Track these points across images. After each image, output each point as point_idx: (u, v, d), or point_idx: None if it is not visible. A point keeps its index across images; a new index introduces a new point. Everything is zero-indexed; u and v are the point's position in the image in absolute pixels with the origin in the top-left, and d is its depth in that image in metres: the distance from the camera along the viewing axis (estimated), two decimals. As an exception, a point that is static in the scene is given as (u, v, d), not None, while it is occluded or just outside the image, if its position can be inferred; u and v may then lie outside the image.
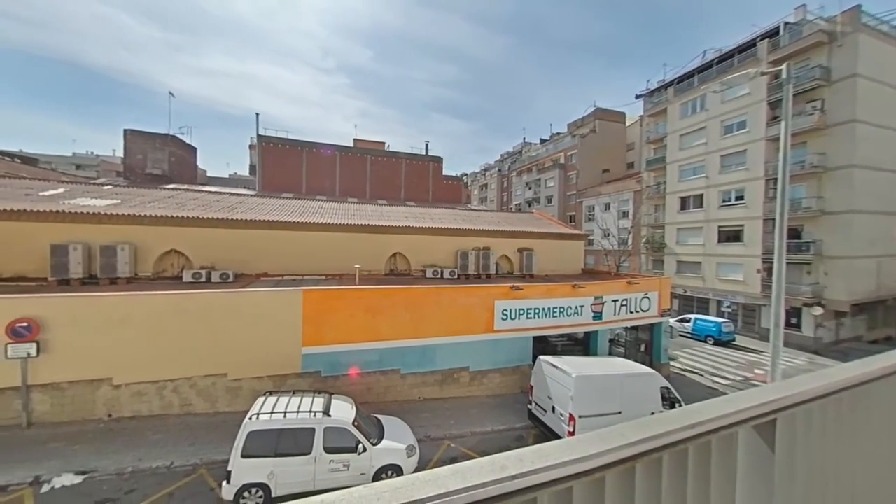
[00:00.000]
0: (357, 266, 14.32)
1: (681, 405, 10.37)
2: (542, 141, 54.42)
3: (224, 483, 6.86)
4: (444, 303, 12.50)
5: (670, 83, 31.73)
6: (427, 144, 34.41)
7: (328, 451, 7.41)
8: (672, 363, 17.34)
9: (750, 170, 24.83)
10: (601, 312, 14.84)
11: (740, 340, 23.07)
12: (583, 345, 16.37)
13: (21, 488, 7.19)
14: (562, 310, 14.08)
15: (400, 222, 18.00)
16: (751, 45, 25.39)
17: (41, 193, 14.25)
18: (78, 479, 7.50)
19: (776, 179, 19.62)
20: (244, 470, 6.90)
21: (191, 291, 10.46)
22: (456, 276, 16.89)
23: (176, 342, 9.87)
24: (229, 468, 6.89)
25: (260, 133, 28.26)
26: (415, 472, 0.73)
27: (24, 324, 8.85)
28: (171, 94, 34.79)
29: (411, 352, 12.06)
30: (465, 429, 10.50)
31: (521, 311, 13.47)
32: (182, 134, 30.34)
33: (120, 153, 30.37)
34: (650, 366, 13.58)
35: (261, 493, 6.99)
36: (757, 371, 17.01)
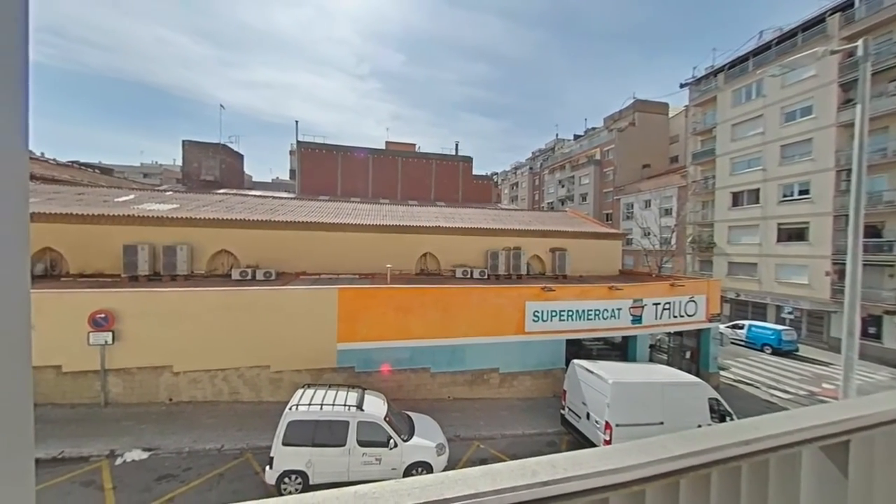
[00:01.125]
0: (388, 266, 14.68)
1: (733, 419, 9.53)
2: (576, 137, 52.43)
3: (267, 468, 7.34)
4: (473, 303, 12.46)
5: (720, 69, 29.24)
6: (457, 145, 34.52)
7: (361, 444, 7.68)
8: (722, 373, 15.99)
9: (816, 160, 22.25)
10: (641, 316, 14.02)
11: (804, 350, 20.74)
12: (620, 350, 15.56)
13: (100, 459, 8.17)
14: (597, 312, 13.48)
15: (430, 222, 18.19)
16: (818, 20, 22.74)
17: (116, 200, 16.09)
18: (145, 455, 8.39)
19: (849, 170, 17.40)
20: (285, 457, 7.34)
21: (238, 288, 11.31)
22: (486, 277, 16.76)
23: (225, 335, 10.71)
24: (272, 454, 7.35)
25: (299, 140, 29.88)
26: (444, 470, 0.74)
27: (103, 315, 10.04)
28: (221, 106, 37.82)
29: (441, 351, 12.15)
30: (495, 431, 10.40)
31: (554, 313, 13.08)
32: (231, 143, 32.86)
33: (179, 162, 33.51)
34: (696, 375, 12.62)
35: (300, 479, 7.39)
36: (825, 386, 15.23)
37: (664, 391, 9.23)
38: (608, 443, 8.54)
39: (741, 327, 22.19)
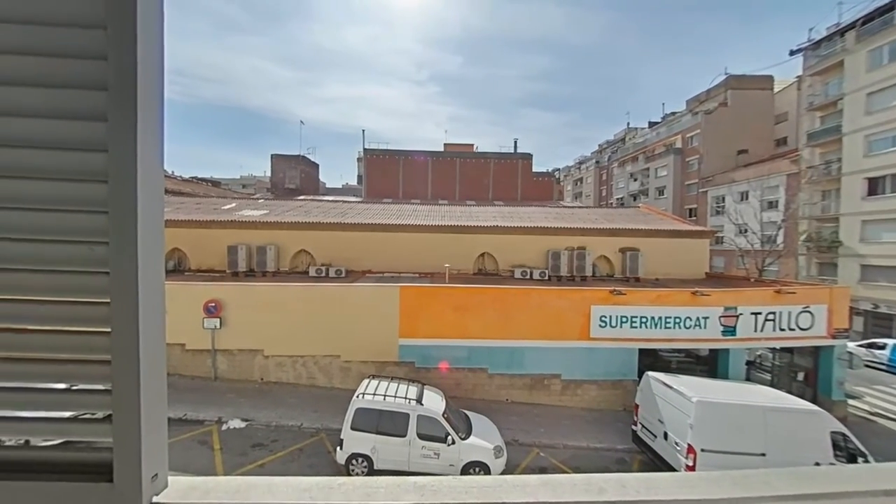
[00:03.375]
0: (447, 265, 14.97)
1: (867, 460, 7.66)
2: (652, 124, 47.21)
3: (338, 449, 8.05)
4: (533, 304, 12.04)
5: (849, 26, 23.65)
6: (515, 142, 33.74)
7: (421, 437, 7.96)
8: (852, 402, 12.92)
9: None
10: (734, 327, 12.06)
11: None
12: (707, 364, 13.59)
13: (211, 424, 9.83)
14: (677, 320, 11.96)
15: (488, 222, 18.07)
16: None
17: (222, 208, 19.18)
18: (243, 425, 9.85)
19: None
20: (353, 441, 7.96)
21: (313, 284, 12.64)
22: (546, 278, 16.06)
23: (304, 325, 12.02)
24: (342, 437, 8.04)
25: (365, 147, 32.14)
26: (502, 474, 0.73)
27: (213, 304, 12.04)
28: (301, 122, 42.85)
29: (499, 352, 11.98)
30: (557, 440, 9.91)
31: (624, 319, 11.96)
32: (309, 154, 36.83)
33: (269, 173, 38.63)
34: (813, 402, 10.42)
35: (366, 463, 7.96)
36: None
37: (768, 417, 7.80)
38: (691, 469, 7.52)
39: (881, 347, 17.66)
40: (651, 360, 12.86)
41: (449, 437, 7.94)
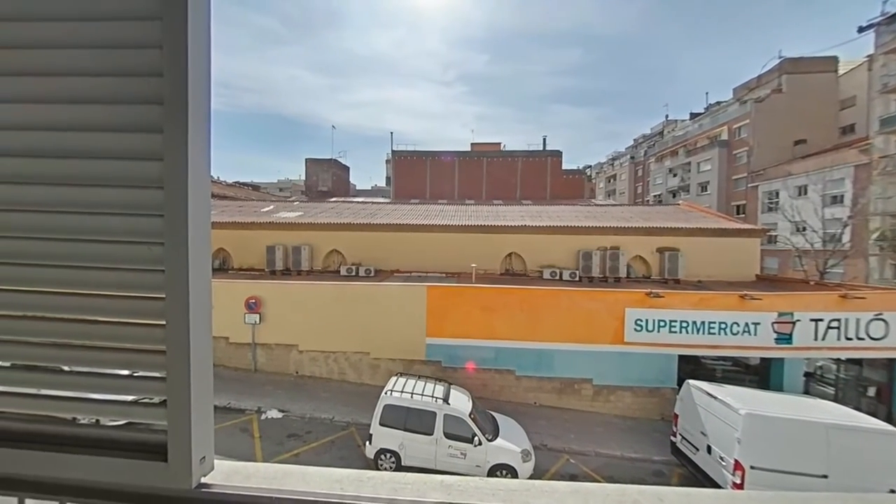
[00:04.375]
0: (473, 265, 14.91)
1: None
2: (694, 116, 44.23)
3: (367, 443, 8.27)
4: (562, 306, 11.69)
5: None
6: (544, 139, 32.97)
7: (447, 436, 7.99)
8: (935, 423, 11.33)
9: None
10: (790, 334, 11.00)
11: None
12: (758, 374, 12.51)
13: (251, 414, 10.47)
14: (723, 326, 11.11)
15: (515, 222, 17.79)
16: None
17: (261, 210, 20.37)
18: (279, 415, 10.40)
19: None
20: (381, 436, 8.15)
21: (344, 283, 13.09)
22: (577, 279, 15.53)
23: (336, 322, 12.47)
24: (371, 432, 8.25)
25: (393, 149, 32.78)
26: (530, 479, 0.72)
27: (253, 301, 12.82)
28: (333, 126, 44.41)
29: (527, 354, 11.76)
30: (588, 447, 9.55)
31: (662, 323, 11.30)
32: (340, 157, 38.21)
33: (303, 176, 40.47)
34: (888, 421, 9.26)
35: (394, 458, 8.11)
36: None
37: (831, 435, 7.03)
38: (738, 487, 6.96)
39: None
40: (692, 367, 12.05)
41: (476, 438, 7.90)
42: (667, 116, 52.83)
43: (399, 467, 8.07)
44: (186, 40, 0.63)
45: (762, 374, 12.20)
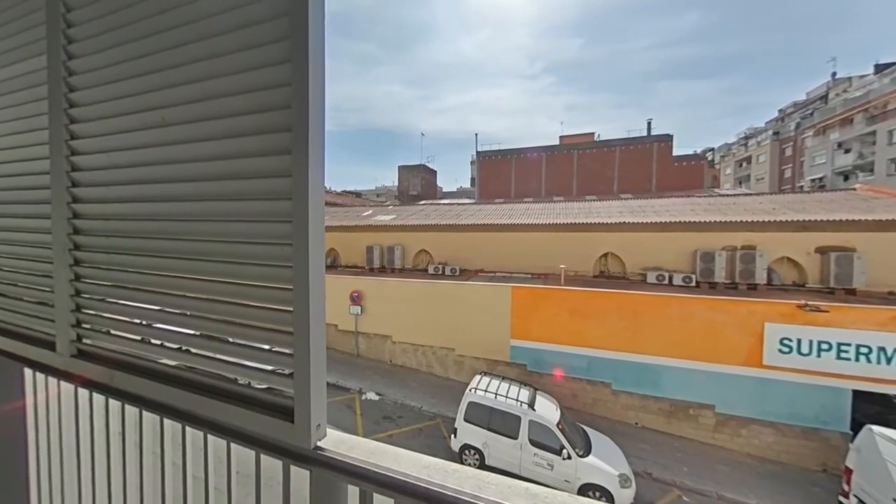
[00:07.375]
0: (562, 266, 13.99)
1: None
2: (882, 68, 32.58)
3: (452, 436, 8.56)
4: (673, 315, 10.04)
5: None
6: (649, 123, 28.79)
7: (532, 443, 7.70)
8: None
9: None
10: None
11: None
12: None
13: (353, 393, 11.95)
14: (934, 356, 7.92)
15: (611, 218, 15.98)
16: None
17: (362, 214, 23.05)
18: (376, 398, 11.60)
19: None
20: (466, 432, 8.33)
21: (432, 281, 13.81)
22: (693, 284, 13.09)
23: (424, 318, 13.28)
24: (456, 426, 8.51)
25: (478, 150, 33.11)
26: None
27: (356, 294, 14.62)
28: (422, 134, 47.41)
29: (626, 366, 10.47)
30: (708, 486, 7.99)
31: (825, 346, 8.69)
32: (428, 162, 40.47)
33: (396, 182, 44.26)
34: None
35: (477, 455, 8.21)
36: None
37: None
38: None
39: None
40: (878, 409, 8.90)
41: (564, 451, 7.40)
42: (833, 75, 40.14)
43: (482, 465, 8.12)
44: (307, 78, 0.77)
45: None
